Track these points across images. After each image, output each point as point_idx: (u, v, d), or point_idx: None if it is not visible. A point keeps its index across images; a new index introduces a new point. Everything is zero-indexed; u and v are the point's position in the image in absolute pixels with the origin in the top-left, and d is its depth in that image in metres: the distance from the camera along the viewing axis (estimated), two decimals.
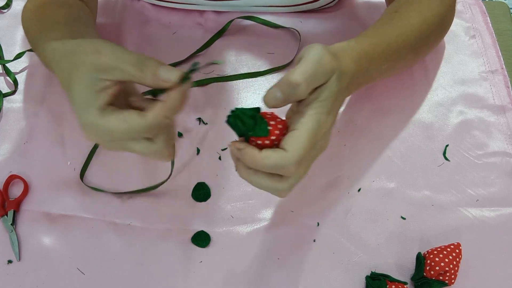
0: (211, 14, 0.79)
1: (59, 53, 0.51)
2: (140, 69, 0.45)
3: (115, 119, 0.45)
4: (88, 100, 0.45)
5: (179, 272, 0.59)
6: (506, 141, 0.67)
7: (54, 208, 0.63)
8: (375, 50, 0.56)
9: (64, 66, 0.49)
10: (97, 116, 0.45)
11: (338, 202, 0.63)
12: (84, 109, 0.46)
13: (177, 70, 0.45)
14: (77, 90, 0.46)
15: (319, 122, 0.46)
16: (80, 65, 0.46)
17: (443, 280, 0.55)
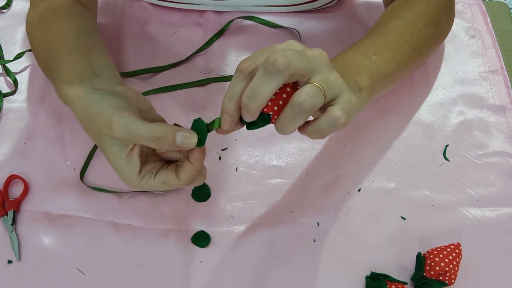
0: (211, 14, 0.79)
1: (79, 111, 0.54)
2: (154, 141, 0.48)
3: (155, 183, 0.50)
4: (123, 166, 0.50)
5: (179, 272, 0.59)
6: (506, 141, 0.67)
7: (54, 208, 0.63)
8: (382, 47, 0.59)
9: (88, 128, 0.53)
10: (138, 181, 0.50)
11: (338, 202, 0.63)
12: (124, 174, 0.50)
13: (193, 135, 0.48)
14: (109, 156, 0.51)
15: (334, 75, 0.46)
16: (102, 135, 0.50)
17: (443, 280, 0.55)
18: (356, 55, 0.57)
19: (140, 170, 0.50)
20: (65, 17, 0.64)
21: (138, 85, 0.72)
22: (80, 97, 0.54)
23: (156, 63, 0.75)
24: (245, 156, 0.66)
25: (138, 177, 0.50)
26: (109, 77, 0.58)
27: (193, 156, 0.50)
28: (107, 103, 0.51)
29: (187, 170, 0.50)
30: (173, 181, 0.50)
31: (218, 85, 0.73)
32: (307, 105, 0.44)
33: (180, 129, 0.48)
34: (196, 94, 0.72)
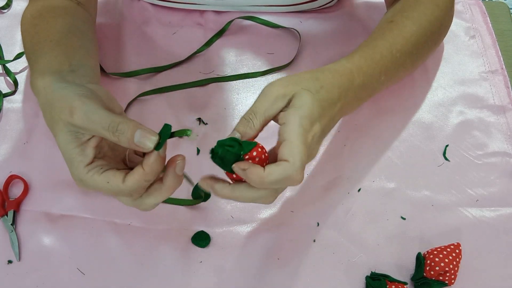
0: (211, 14, 0.79)
1: (42, 98, 0.53)
2: (113, 133, 0.46)
3: (99, 179, 0.47)
4: (72, 155, 0.48)
5: (179, 272, 0.59)
6: (506, 141, 0.67)
7: (54, 208, 0.63)
8: (368, 63, 0.57)
9: (46, 115, 0.51)
10: (83, 173, 0.48)
11: (338, 202, 0.63)
12: (71, 163, 0.48)
13: (153, 135, 0.46)
14: (61, 143, 0.49)
15: (302, 125, 0.47)
16: (58, 120, 0.48)
17: (443, 280, 0.55)
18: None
19: (91, 162, 0.48)
20: (58, 15, 0.64)
21: (138, 85, 0.73)
22: (46, 86, 0.53)
23: (156, 63, 0.75)
24: None
25: (84, 168, 0.47)
26: (84, 75, 0.57)
27: (147, 161, 0.46)
28: (72, 90, 0.50)
29: (136, 175, 0.46)
30: (116, 183, 0.46)
31: (218, 85, 0.73)
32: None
33: (142, 126, 0.46)
34: (196, 94, 0.72)
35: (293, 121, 0.47)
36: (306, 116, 0.47)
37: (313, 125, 0.48)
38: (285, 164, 0.45)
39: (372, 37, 0.62)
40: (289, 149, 0.45)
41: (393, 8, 0.67)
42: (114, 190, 0.47)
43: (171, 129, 0.46)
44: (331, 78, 0.52)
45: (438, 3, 0.64)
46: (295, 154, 0.45)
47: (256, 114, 0.48)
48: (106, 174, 0.47)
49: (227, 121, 0.69)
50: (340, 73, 0.54)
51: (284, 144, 0.46)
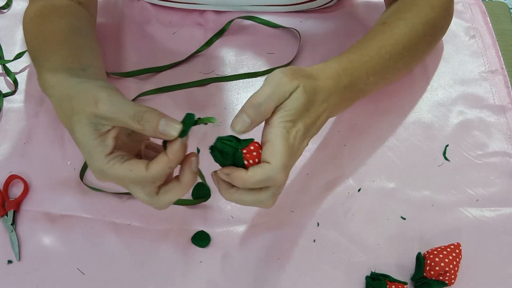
0: (211, 14, 0.79)
1: (58, 93, 0.53)
2: (138, 122, 0.46)
3: (121, 168, 0.47)
4: (93, 146, 0.48)
5: (179, 272, 0.59)
6: (506, 141, 0.67)
7: (54, 208, 0.63)
8: (355, 65, 0.58)
9: (65, 109, 0.51)
10: (104, 163, 0.48)
11: (338, 202, 0.63)
12: (90, 155, 0.48)
13: (177, 124, 0.47)
14: (80, 135, 0.49)
15: (286, 128, 0.48)
16: (80, 112, 0.48)
17: (443, 280, 0.55)
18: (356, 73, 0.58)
19: (111, 152, 0.48)
20: (61, 15, 0.64)
21: (138, 85, 0.73)
22: (62, 81, 0.53)
23: (156, 63, 0.75)
24: None
25: (105, 158, 0.47)
26: (94, 74, 0.58)
27: (171, 148, 0.47)
28: (94, 83, 0.51)
29: (160, 162, 0.47)
30: (140, 172, 0.47)
31: (218, 85, 0.73)
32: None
33: (166, 116, 0.47)
34: (196, 94, 0.72)
35: (277, 123, 0.48)
36: (290, 119, 0.49)
37: (295, 124, 0.49)
38: (267, 165, 0.47)
39: (363, 38, 0.62)
40: (271, 151, 0.47)
41: (390, 8, 0.67)
42: (138, 178, 0.47)
43: (194, 117, 0.47)
44: (320, 80, 0.53)
45: (433, 5, 0.64)
46: (276, 156, 0.47)
47: (268, 100, 0.48)
48: (128, 163, 0.48)
49: (227, 121, 0.69)
50: (328, 76, 0.54)
51: (266, 146, 0.48)
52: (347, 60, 0.58)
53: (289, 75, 0.50)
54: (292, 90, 0.49)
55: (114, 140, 0.49)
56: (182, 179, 0.49)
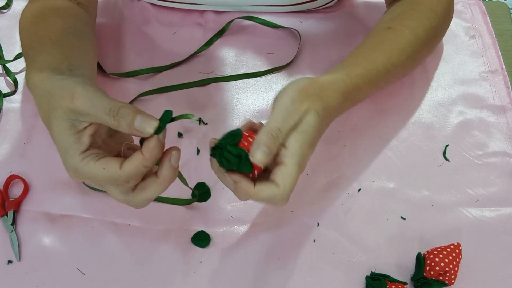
0: (211, 14, 0.79)
1: (39, 90, 0.53)
2: (114, 117, 0.45)
3: (95, 166, 0.46)
4: (68, 143, 0.47)
5: (179, 272, 0.59)
6: (506, 141, 0.67)
7: (54, 208, 0.63)
8: (364, 80, 0.59)
9: (43, 106, 0.51)
10: (78, 161, 0.46)
11: (338, 202, 0.63)
12: (65, 152, 0.47)
13: (153, 120, 0.45)
14: (56, 131, 0.48)
15: (303, 155, 0.49)
16: (57, 108, 0.47)
17: (443, 280, 0.55)
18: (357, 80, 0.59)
19: (86, 149, 0.47)
20: (58, 16, 0.64)
21: (138, 85, 0.73)
22: (44, 78, 0.53)
23: (156, 63, 0.75)
24: None
25: (79, 156, 0.46)
26: (81, 74, 0.56)
27: (147, 145, 0.45)
28: (73, 79, 0.50)
29: (135, 161, 0.45)
30: (113, 169, 0.45)
31: (218, 85, 0.73)
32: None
33: (142, 112, 0.46)
34: (196, 94, 0.72)
35: (297, 148, 0.49)
36: (309, 144, 0.50)
37: (310, 148, 0.51)
38: (274, 188, 0.47)
39: (370, 45, 0.63)
40: (284, 175, 0.48)
41: (392, 10, 0.67)
42: (111, 177, 0.46)
43: (171, 114, 0.46)
44: (332, 98, 0.54)
45: (436, 10, 0.64)
46: (287, 182, 0.48)
47: (282, 132, 0.49)
48: (102, 161, 0.46)
49: (227, 121, 0.69)
50: (340, 92, 0.55)
51: (280, 167, 0.48)
52: (357, 75, 0.58)
53: (296, 101, 0.50)
54: (304, 114, 0.50)
55: (90, 137, 0.47)
56: (160, 174, 0.47)
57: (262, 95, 0.72)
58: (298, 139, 0.49)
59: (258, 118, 0.69)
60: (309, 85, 0.53)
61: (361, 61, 0.60)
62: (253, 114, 0.70)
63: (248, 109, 0.70)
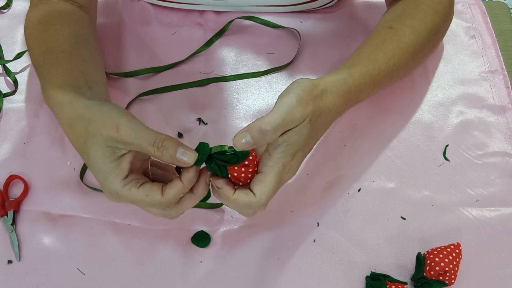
0: (211, 14, 0.79)
1: (69, 113, 0.54)
2: (158, 149, 0.48)
3: (137, 193, 0.49)
4: (109, 169, 0.49)
5: (179, 272, 0.59)
6: (506, 141, 0.67)
7: (54, 208, 0.63)
8: (366, 80, 0.59)
9: (77, 130, 0.52)
10: (120, 187, 0.49)
11: (338, 202, 0.63)
12: (105, 177, 0.50)
13: (193, 153, 0.49)
14: (95, 157, 0.50)
15: (284, 165, 0.50)
16: (97, 135, 0.50)
17: (443, 280, 0.55)
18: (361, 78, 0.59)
19: (126, 176, 0.50)
20: (64, 22, 0.65)
21: (138, 85, 0.73)
22: (73, 101, 0.54)
23: (156, 63, 0.75)
24: None
25: (121, 182, 0.49)
26: (99, 93, 0.59)
27: (186, 175, 0.49)
28: (112, 107, 0.52)
29: (175, 188, 0.49)
30: (156, 197, 0.49)
31: (218, 85, 0.73)
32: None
33: (182, 144, 0.49)
34: (196, 94, 0.72)
35: (277, 158, 0.50)
36: (291, 152, 0.50)
37: (294, 157, 0.51)
38: (251, 196, 0.49)
39: (372, 44, 0.62)
40: (261, 186, 0.50)
41: (393, 10, 0.67)
42: (153, 202, 0.50)
43: (208, 146, 0.49)
44: (330, 101, 0.54)
45: (438, 10, 0.64)
46: (263, 192, 0.49)
47: (277, 129, 0.49)
48: (144, 188, 0.50)
49: (227, 121, 0.69)
50: (341, 95, 0.55)
51: (258, 177, 0.50)
52: (360, 75, 0.58)
53: (303, 104, 0.50)
54: (302, 120, 0.50)
55: (129, 164, 0.50)
56: (196, 191, 0.51)
57: (262, 95, 0.72)
58: (282, 148, 0.50)
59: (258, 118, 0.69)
60: (313, 86, 0.53)
61: (363, 61, 0.60)
62: (253, 114, 0.70)
63: (248, 109, 0.70)
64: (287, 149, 0.50)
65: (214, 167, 0.50)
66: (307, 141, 0.52)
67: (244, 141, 0.48)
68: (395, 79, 0.65)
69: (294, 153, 0.51)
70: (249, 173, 0.50)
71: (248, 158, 0.50)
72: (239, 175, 0.50)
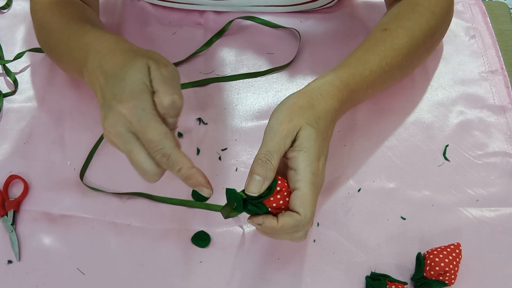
0: (211, 14, 0.79)
1: (109, 44, 0.53)
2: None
3: (162, 126, 0.47)
4: (142, 89, 0.48)
5: (179, 272, 0.59)
6: (506, 141, 0.67)
7: (54, 208, 0.63)
8: (356, 80, 0.59)
9: (125, 55, 0.51)
10: (150, 109, 0.47)
11: (338, 202, 0.63)
12: (136, 94, 0.47)
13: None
14: (135, 76, 0.48)
15: (312, 172, 0.50)
16: (151, 60, 0.50)
17: (443, 280, 0.55)
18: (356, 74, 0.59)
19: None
20: (74, 8, 0.65)
21: None
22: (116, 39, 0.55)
23: None
24: (245, 156, 0.66)
25: (150, 102, 0.48)
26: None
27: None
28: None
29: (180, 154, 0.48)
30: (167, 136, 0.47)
31: (218, 85, 0.73)
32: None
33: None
34: (196, 94, 0.72)
35: (304, 170, 0.49)
36: (314, 159, 0.50)
37: (319, 163, 0.51)
38: (297, 216, 0.49)
39: (365, 47, 0.62)
40: (300, 201, 0.49)
41: (390, 12, 0.67)
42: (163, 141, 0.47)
43: (237, 192, 0.50)
44: (323, 103, 0.54)
45: (435, 11, 0.64)
46: (306, 207, 0.49)
47: (272, 153, 0.50)
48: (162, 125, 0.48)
49: (227, 121, 0.69)
50: (331, 95, 0.55)
51: (295, 194, 0.49)
52: (348, 74, 0.58)
53: (284, 121, 0.51)
54: (298, 131, 0.50)
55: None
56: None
57: (262, 95, 0.72)
58: (303, 158, 0.50)
59: (258, 118, 0.69)
60: (297, 99, 0.53)
61: (352, 62, 0.60)
62: (253, 114, 0.70)
63: (248, 109, 0.70)
64: (307, 156, 0.50)
65: (252, 208, 0.50)
66: (322, 144, 0.52)
67: (256, 181, 0.48)
68: (391, 80, 0.64)
69: (318, 158, 0.51)
70: (286, 197, 0.50)
71: (278, 184, 0.49)
72: (277, 203, 0.50)
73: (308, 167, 0.49)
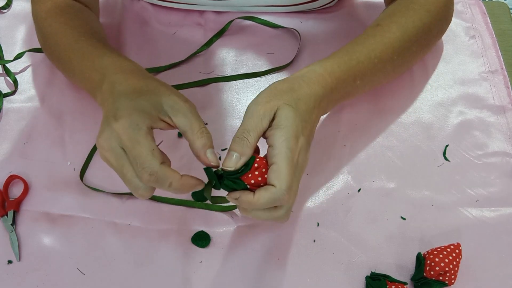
0: (211, 14, 0.79)
1: (126, 69, 0.57)
2: (201, 133, 0.51)
3: (151, 143, 0.49)
4: (143, 110, 0.50)
5: (179, 272, 0.59)
6: (506, 141, 0.67)
7: (54, 208, 0.63)
8: (342, 69, 0.58)
9: (135, 81, 0.55)
10: (144, 123, 0.49)
11: (338, 202, 0.63)
12: (131, 114, 0.50)
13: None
14: (139, 102, 0.51)
15: (289, 147, 0.49)
16: (156, 91, 0.53)
17: (443, 280, 0.55)
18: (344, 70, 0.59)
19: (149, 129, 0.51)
20: (76, 17, 0.66)
21: None
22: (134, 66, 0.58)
23: (156, 63, 0.75)
24: None
25: (148, 129, 0.50)
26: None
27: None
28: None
29: (171, 170, 0.50)
30: (154, 157, 0.49)
31: (218, 85, 0.73)
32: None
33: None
34: (196, 94, 0.72)
35: (280, 145, 0.49)
36: (291, 135, 0.50)
37: (298, 140, 0.51)
38: (272, 189, 0.49)
39: (355, 41, 0.62)
40: (276, 174, 0.49)
41: (386, 10, 0.67)
42: (148, 158, 0.49)
43: (213, 171, 0.51)
44: (305, 88, 0.54)
45: (429, 9, 0.64)
46: (281, 179, 0.48)
47: (249, 131, 0.50)
48: (154, 145, 0.50)
49: (227, 121, 0.69)
50: (314, 81, 0.55)
51: (271, 169, 0.49)
52: (333, 63, 0.58)
53: (261, 103, 0.51)
54: (276, 111, 0.51)
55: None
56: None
57: None
58: (279, 134, 0.49)
59: None
60: (277, 84, 0.54)
61: (339, 53, 0.60)
62: None
63: None
64: (284, 133, 0.49)
65: (229, 183, 0.50)
66: (302, 124, 0.51)
67: (233, 157, 0.49)
68: (383, 74, 0.64)
69: (296, 136, 0.50)
70: (264, 174, 0.50)
71: (255, 161, 0.49)
72: (256, 180, 0.50)
73: (284, 143, 0.49)
